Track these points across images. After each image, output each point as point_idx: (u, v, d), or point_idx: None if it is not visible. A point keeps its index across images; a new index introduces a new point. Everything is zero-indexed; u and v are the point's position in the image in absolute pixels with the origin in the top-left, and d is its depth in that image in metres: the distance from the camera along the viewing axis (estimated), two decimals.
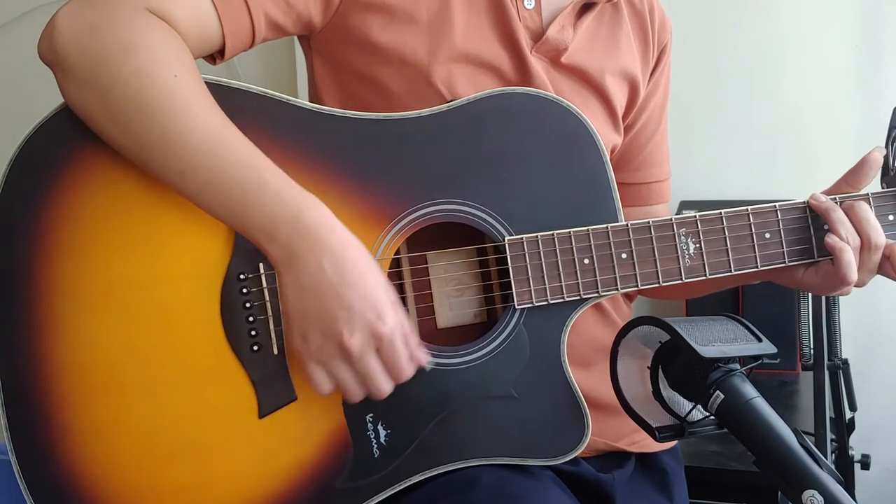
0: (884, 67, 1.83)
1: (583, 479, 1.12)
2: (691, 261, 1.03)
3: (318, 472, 0.99)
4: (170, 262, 0.99)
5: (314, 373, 0.93)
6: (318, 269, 0.90)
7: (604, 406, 1.14)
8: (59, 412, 0.97)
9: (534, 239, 1.01)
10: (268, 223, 0.92)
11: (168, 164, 0.94)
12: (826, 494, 0.79)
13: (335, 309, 0.90)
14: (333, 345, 0.91)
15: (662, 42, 1.23)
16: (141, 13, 0.95)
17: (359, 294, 0.90)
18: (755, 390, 0.87)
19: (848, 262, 1.00)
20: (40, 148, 0.98)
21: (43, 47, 0.95)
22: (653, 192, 1.29)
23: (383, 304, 0.91)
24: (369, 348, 0.91)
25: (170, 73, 0.93)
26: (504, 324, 1.02)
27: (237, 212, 0.93)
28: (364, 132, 1.02)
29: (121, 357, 0.97)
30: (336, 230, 0.92)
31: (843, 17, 1.84)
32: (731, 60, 1.90)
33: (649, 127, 1.25)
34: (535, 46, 1.11)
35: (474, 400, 1.02)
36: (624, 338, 0.93)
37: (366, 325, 0.91)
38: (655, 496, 1.20)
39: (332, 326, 0.90)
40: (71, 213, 0.98)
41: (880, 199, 1.05)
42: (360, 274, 0.91)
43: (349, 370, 0.92)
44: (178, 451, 0.98)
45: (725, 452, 1.49)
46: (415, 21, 1.06)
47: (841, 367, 1.65)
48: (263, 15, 1.02)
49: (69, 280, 0.97)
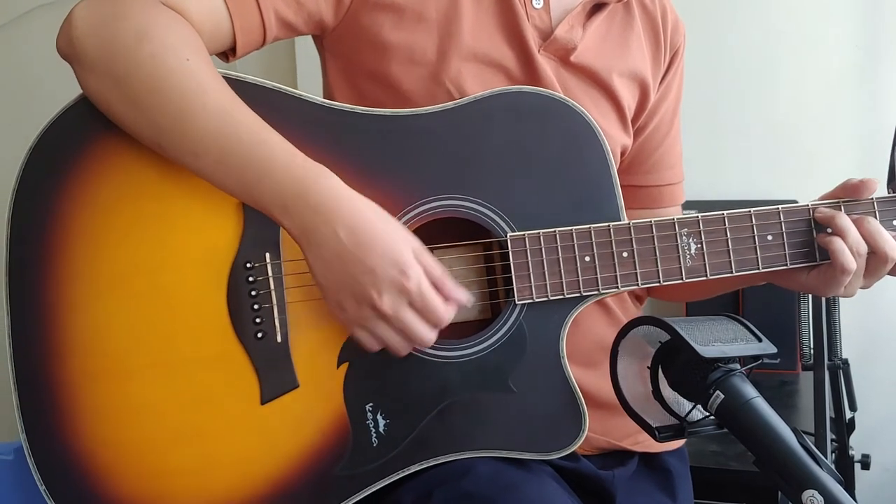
0: (884, 67, 1.82)
1: (582, 475, 1.13)
2: (692, 261, 1.03)
3: (318, 458, 1.01)
4: (179, 249, 1.01)
5: (359, 336, 0.96)
6: (335, 240, 0.93)
7: (608, 405, 1.14)
8: (67, 394, 1.00)
9: (536, 235, 1.02)
10: (279, 200, 0.94)
11: (183, 145, 0.96)
12: (826, 494, 0.79)
13: (360, 274, 0.93)
14: (367, 308, 0.94)
15: (675, 45, 1.24)
16: (154, 5, 0.98)
17: (378, 254, 0.93)
18: (755, 390, 0.87)
19: (843, 267, 1.01)
20: (58, 137, 1.01)
21: (61, 42, 0.98)
22: (664, 194, 1.29)
23: (404, 259, 0.93)
24: (401, 304, 0.93)
25: (182, 56, 0.96)
26: (504, 318, 1.03)
27: (250, 189, 0.95)
28: (371, 127, 1.03)
29: (129, 341, 1.00)
30: (346, 198, 0.94)
31: (843, 17, 1.83)
32: (731, 60, 1.89)
33: (661, 130, 1.26)
34: (544, 46, 1.12)
35: (473, 393, 1.03)
36: (624, 338, 0.94)
37: (391, 283, 0.93)
38: (658, 495, 1.20)
39: (362, 292, 0.93)
40: (85, 200, 1.01)
41: (885, 204, 1.05)
42: (376, 234, 0.93)
43: (388, 328, 0.95)
44: (182, 436, 1.00)
45: (725, 452, 1.49)
46: (424, 20, 1.08)
47: (841, 367, 1.65)
48: (273, 13, 1.04)
49: (82, 265, 1.00)
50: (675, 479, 1.22)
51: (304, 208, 0.93)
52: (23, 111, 1.02)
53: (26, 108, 1.02)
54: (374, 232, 0.93)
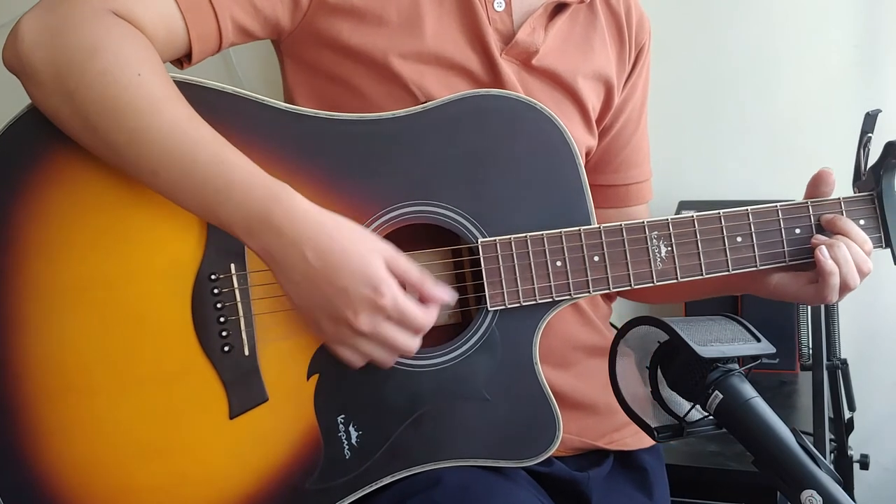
0: (884, 67, 1.81)
1: (557, 478, 1.13)
2: (663, 264, 1.03)
3: (290, 472, 1.00)
4: (141, 261, 0.98)
5: (341, 353, 0.95)
6: (304, 263, 0.91)
7: (582, 405, 1.15)
8: (28, 413, 0.96)
9: (507, 241, 1.01)
10: (242, 222, 0.92)
11: (140, 164, 0.93)
12: (825, 494, 0.79)
13: (332, 295, 0.91)
14: (345, 327, 0.92)
15: (640, 43, 1.23)
16: (104, 15, 0.94)
17: (348, 273, 0.91)
18: (754, 390, 0.87)
19: (833, 286, 1.01)
20: (9, 147, 0.97)
21: (7, 56, 0.94)
22: (631, 193, 1.29)
23: (376, 275, 0.91)
24: (378, 320, 0.92)
25: (133, 72, 0.93)
26: (476, 325, 1.02)
27: (211, 209, 0.93)
28: (338, 133, 1.01)
29: (91, 357, 0.97)
30: (311, 217, 0.92)
31: (842, 17, 1.82)
32: (729, 60, 1.88)
33: (628, 128, 1.25)
34: (506, 49, 1.10)
35: (447, 401, 1.02)
36: (623, 338, 0.93)
37: (365, 302, 0.91)
38: (635, 494, 1.20)
39: (337, 312, 0.92)
40: (41, 212, 0.97)
41: (852, 204, 1.06)
42: (345, 253, 0.91)
43: (369, 343, 0.94)
44: (150, 452, 0.98)
45: (724, 452, 1.49)
46: (385, 23, 1.06)
47: (840, 367, 1.64)
48: (230, 19, 1.01)
49: (39, 279, 0.97)
50: (651, 477, 1.23)
51: (268, 231, 0.91)
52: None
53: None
54: (342, 250, 0.91)
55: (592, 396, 1.16)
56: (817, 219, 1.05)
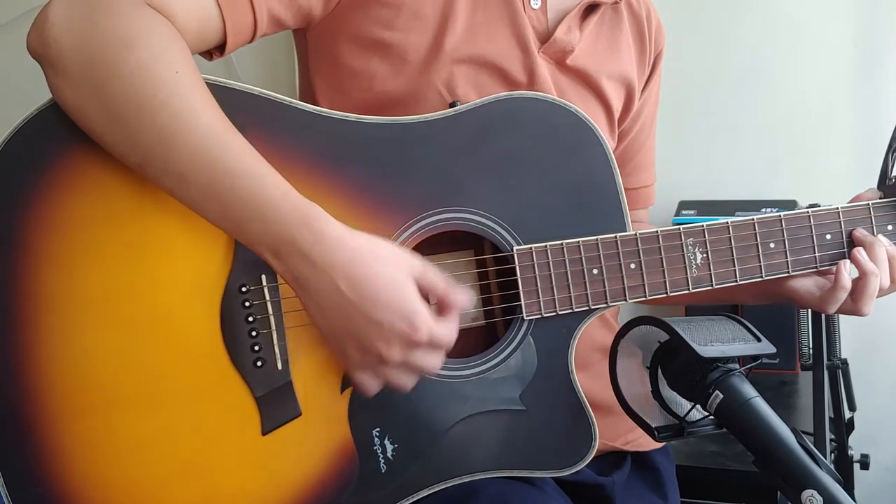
0: (884, 67, 1.83)
1: (583, 485, 1.12)
2: (698, 271, 1.03)
3: (325, 488, 0.97)
4: (167, 272, 0.94)
5: (360, 380, 0.92)
6: (335, 291, 0.87)
7: (600, 406, 1.14)
8: (49, 431, 0.92)
9: (543, 249, 0.99)
10: (270, 243, 0.88)
11: (167, 167, 0.88)
12: (825, 494, 0.80)
13: (365, 326, 0.88)
14: (373, 357, 0.89)
15: (658, 48, 1.23)
16: (140, 6, 0.90)
17: (383, 306, 0.88)
18: (754, 390, 0.87)
19: (871, 294, 1.03)
20: (25, 147, 0.91)
21: (32, 40, 0.88)
22: (640, 196, 1.29)
23: (411, 309, 0.88)
24: (409, 351, 0.89)
25: (171, 69, 0.88)
26: (512, 335, 1.01)
27: (238, 224, 0.89)
28: (369, 137, 0.98)
29: (115, 373, 0.93)
30: (344, 245, 0.88)
31: (842, 17, 1.84)
32: (730, 60, 1.89)
33: (643, 132, 1.25)
34: (543, 48, 1.09)
35: (482, 412, 1.00)
36: (623, 338, 0.93)
37: (400, 337, 0.88)
38: (650, 495, 1.21)
39: (368, 343, 0.89)
40: (59, 219, 0.92)
41: (880, 209, 1.07)
42: (379, 283, 0.88)
43: (394, 370, 0.91)
44: (178, 471, 0.94)
45: (725, 452, 1.49)
46: (420, 18, 1.04)
47: (840, 367, 1.65)
48: (266, 10, 0.98)
49: (57, 291, 0.92)
50: (664, 478, 1.23)
51: (298, 256, 0.87)
52: (23, 112, 0.93)
53: (26, 109, 0.93)
54: (376, 281, 0.88)
55: (609, 397, 1.15)
56: (848, 225, 1.05)
